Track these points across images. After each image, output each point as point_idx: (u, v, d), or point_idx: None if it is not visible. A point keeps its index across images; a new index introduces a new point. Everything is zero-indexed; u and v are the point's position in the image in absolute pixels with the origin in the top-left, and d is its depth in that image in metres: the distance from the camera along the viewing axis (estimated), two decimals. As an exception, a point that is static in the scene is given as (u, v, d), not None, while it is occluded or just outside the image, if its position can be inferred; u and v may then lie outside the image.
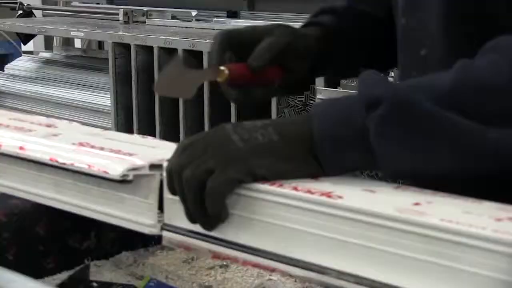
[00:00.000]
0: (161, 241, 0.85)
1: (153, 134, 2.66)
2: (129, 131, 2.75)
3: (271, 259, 0.60)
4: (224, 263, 0.81)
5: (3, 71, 3.57)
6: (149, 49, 2.68)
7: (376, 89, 0.61)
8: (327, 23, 0.85)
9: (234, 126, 0.63)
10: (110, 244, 0.83)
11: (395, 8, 0.83)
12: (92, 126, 0.89)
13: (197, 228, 0.64)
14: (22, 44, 3.68)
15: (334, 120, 0.61)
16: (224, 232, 0.62)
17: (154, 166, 0.67)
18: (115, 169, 0.67)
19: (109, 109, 2.91)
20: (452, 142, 0.59)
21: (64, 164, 0.70)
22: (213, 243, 0.63)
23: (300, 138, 0.62)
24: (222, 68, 0.74)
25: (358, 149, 0.61)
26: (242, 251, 0.61)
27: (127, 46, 2.77)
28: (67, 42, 3.98)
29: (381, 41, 0.88)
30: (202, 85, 2.86)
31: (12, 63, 3.57)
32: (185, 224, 0.65)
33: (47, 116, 3.03)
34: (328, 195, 0.57)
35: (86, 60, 3.42)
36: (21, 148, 0.74)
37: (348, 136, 0.61)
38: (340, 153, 0.61)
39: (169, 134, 2.64)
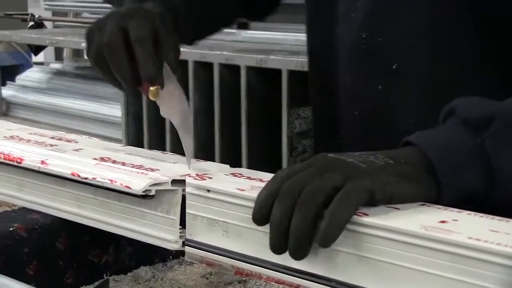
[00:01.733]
0: (179, 256, 0.85)
1: (163, 145, 2.67)
2: (139, 142, 2.76)
3: (294, 275, 0.59)
4: (243, 278, 0.80)
5: (15, 82, 3.59)
6: (160, 60, 2.69)
7: (481, 108, 0.61)
8: None
9: (338, 154, 0.60)
10: (128, 259, 0.83)
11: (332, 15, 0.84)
12: (103, 137, 0.89)
13: (219, 243, 0.64)
14: (33, 55, 3.70)
15: (444, 143, 0.60)
16: (246, 248, 0.62)
17: (176, 182, 0.67)
18: (138, 184, 0.67)
19: (120, 120, 2.92)
20: None
21: (86, 178, 0.70)
22: (236, 259, 0.63)
23: (413, 162, 0.60)
24: None
25: (476, 169, 0.60)
26: (266, 267, 0.61)
27: (138, 58, 2.78)
28: (77, 53, 4.00)
29: None
30: (213, 97, 2.84)
31: (23, 74, 3.59)
32: (207, 239, 0.65)
33: (58, 127, 3.04)
34: (353, 212, 0.57)
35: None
36: (42, 162, 0.74)
37: (464, 157, 0.60)
38: (458, 174, 0.59)
39: (179, 146, 2.64)
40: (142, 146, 2.72)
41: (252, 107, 2.37)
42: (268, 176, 0.68)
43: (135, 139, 2.80)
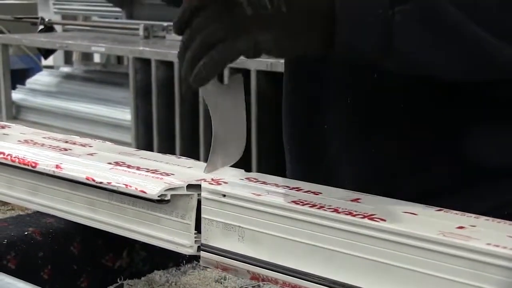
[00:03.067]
0: (192, 260, 0.85)
1: (173, 149, 2.67)
2: (149, 146, 2.76)
3: (311, 281, 0.59)
4: (258, 283, 0.80)
5: (24, 85, 3.60)
6: (170, 64, 2.70)
7: None
8: None
9: None
10: (142, 263, 0.83)
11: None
12: (112, 141, 0.90)
13: (235, 248, 0.64)
14: (42, 59, 3.72)
15: (356, 4, 0.63)
16: (262, 253, 0.62)
17: (192, 186, 0.67)
18: (153, 189, 0.67)
19: (129, 123, 2.92)
20: (468, 48, 0.65)
21: (101, 183, 0.70)
22: (252, 264, 0.63)
23: (311, 12, 0.63)
24: None
25: (376, 34, 0.63)
26: (282, 272, 0.61)
27: (147, 61, 2.79)
28: (86, 56, 4.01)
29: None
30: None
31: (33, 77, 3.61)
32: (223, 244, 0.65)
33: (68, 130, 3.05)
34: (370, 217, 0.57)
35: (106, 75, 3.45)
36: (57, 167, 0.74)
37: (371, 19, 0.63)
38: (358, 34, 0.63)
39: (189, 149, 2.65)
40: (152, 150, 2.72)
41: (262, 111, 2.38)
42: (283, 181, 0.68)
43: (144, 143, 2.81)
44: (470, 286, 0.52)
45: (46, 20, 3.63)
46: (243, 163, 0.79)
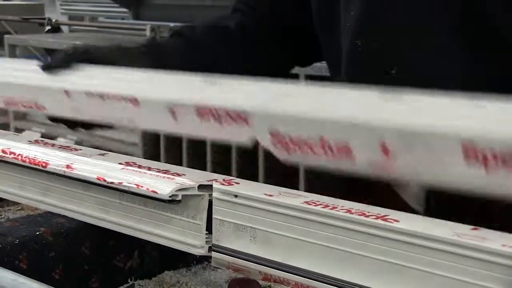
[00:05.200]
0: (203, 261, 0.85)
1: (179, 149, 2.66)
2: (156, 146, 2.76)
3: (323, 282, 0.59)
4: (268, 283, 0.80)
5: (31, 86, 3.60)
6: (177, 65, 2.69)
7: None
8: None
9: None
10: (152, 264, 0.83)
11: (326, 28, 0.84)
12: (119, 141, 0.90)
13: (247, 249, 0.64)
14: (49, 59, 3.72)
15: None
16: (274, 254, 0.62)
17: (203, 187, 0.67)
18: (164, 189, 0.66)
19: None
20: None
21: (112, 183, 0.70)
22: (263, 265, 0.63)
23: None
24: None
25: None
26: (294, 273, 0.61)
27: (154, 62, 2.78)
28: (93, 57, 3.99)
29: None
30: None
31: (40, 78, 3.60)
32: (234, 245, 0.65)
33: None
34: (384, 218, 0.57)
35: (113, 75, 3.43)
36: (68, 166, 0.74)
37: None
38: None
39: (196, 149, 2.64)
40: (159, 149, 2.71)
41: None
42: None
43: (151, 143, 2.81)
44: (485, 288, 0.51)
45: (53, 20, 3.64)
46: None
